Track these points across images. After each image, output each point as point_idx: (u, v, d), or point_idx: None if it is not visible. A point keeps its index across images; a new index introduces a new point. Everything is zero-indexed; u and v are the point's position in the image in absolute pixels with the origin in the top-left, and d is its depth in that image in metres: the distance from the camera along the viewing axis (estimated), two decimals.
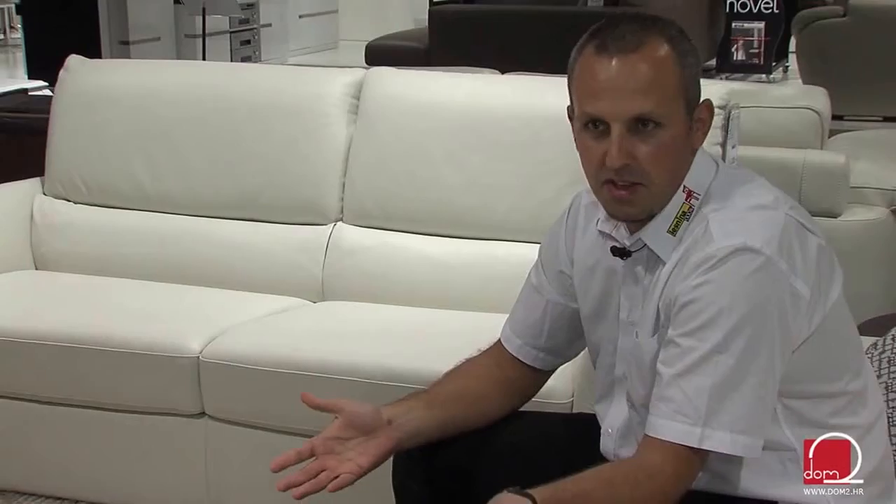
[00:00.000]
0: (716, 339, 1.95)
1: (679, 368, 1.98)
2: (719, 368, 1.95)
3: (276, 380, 3.22)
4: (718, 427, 1.94)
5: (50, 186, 4.16)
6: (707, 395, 1.95)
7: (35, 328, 3.48)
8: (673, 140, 2.02)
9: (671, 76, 2.01)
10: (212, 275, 3.82)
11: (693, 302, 1.98)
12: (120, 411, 3.43)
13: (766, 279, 1.96)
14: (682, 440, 1.96)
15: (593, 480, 1.99)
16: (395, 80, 3.85)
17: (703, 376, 1.95)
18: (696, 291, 1.97)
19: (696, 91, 2.07)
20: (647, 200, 2.05)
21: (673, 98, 2.01)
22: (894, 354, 2.42)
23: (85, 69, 4.23)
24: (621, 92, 1.99)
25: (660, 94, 2.00)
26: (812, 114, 4.15)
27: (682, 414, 1.96)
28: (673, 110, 2.01)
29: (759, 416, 1.98)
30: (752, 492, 2.06)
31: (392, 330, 3.42)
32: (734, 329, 1.95)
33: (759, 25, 6.94)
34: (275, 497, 3.32)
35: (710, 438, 1.95)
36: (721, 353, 1.95)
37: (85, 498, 3.55)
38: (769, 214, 2.02)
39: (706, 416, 1.94)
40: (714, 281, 1.96)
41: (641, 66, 1.99)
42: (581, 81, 2.05)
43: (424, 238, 3.70)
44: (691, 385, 1.96)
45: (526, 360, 2.36)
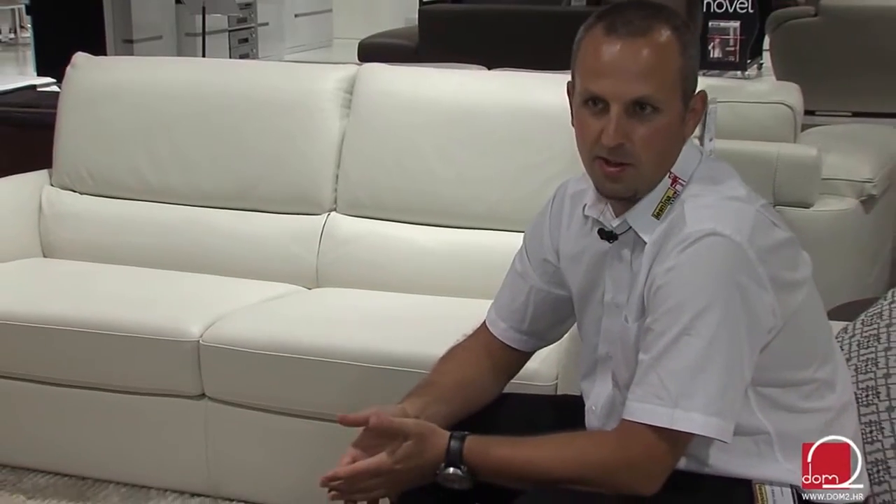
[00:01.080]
0: (684, 322, 1.94)
1: (654, 353, 1.97)
2: (688, 350, 1.94)
3: (274, 363, 3.22)
4: (690, 408, 1.93)
5: (57, 178, 4.15)
6: (678, 377, 1.94)
7: (43, 313, 3.48)
8: (667, 126, 2.01)
9: (673, 64, 2.00)
10: (211, 262, 3.82)
11: (664, 286, 1.97)
12: (124, 393, 3.43)
13: (734, 264, 1.95)
14: (655, 421, 1.94)
15: (543, 438, 2.04)
16: (386, 76, 3.85)
17: (673, 359, 1.94)
18: (668, 275, 1.97)
19: (693, 81, 2.06)
20: (634, 180, 2.04)
21: (672, 85, 2.01)
22: (864, 338, 2.42)
23: (90, 66, 4.23)
24: (624, 74, 1.99)
25: (660, 80, 1.99)
26: (785, 109, 4.16)
27: (657, 397, 1.95)
28: (671, 97, 2.01)
29: (730, 400, 1.96)
30: (729, 472, 2.05)
31: (384, 315, 3.41)
32: (701, 311, 1.93)
33: (734, 24, 6.93)
34: (270, 474, 3.35)
35: (682, 419, 1.93)
36: (689, 335, 1.94)
37: (91, 475, 3.55)
38: (741, 206, 2.01)
39: (677, 398, 1.93)
40: (683, 265, 1.96)
41: (645, 51, 1.99)
42: (585, 59, 2.04)
43: (414, 227, 3.70)
44: (663, 368, 1.95)
45: (510, 342, 2.35)
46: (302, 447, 3.24)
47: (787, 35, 7.25)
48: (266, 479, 3.36)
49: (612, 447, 1.99)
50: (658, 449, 1.96)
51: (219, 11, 9.09)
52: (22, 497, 3.46)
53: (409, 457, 2.03)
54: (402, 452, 2.03)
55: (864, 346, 2.40)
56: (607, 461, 1.97)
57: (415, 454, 2.03)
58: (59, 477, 3.56)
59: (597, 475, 1.97)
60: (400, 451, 2.03)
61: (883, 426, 2.27)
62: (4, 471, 3.59)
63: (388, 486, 2.07)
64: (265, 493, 3.38)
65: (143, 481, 3.49)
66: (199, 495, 3.43)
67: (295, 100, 3.85)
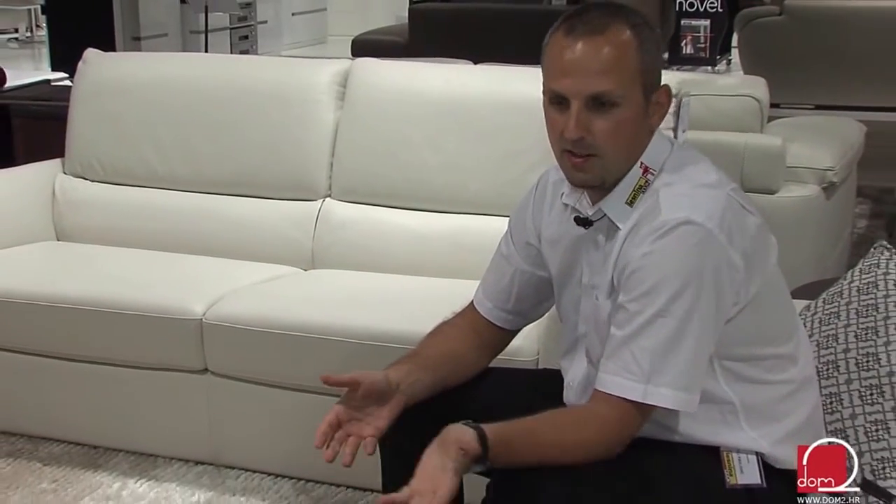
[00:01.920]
0: (659, 304, 1.95)
1: (627, 331, 1.98)
2: (661, 331, 1.95)
3: (272, 339, 3.22)
4: (661, 384, 1.95)
5: (70, 166, 4.15)
6: (650, 355, 1.95)
7: (56, 293, 3.48)
8: (628, 119, 2.01)
9: (630, 60, 1.99)
10: (213, 245, 3.83)
11: (640, 269, 1.97)
12: (132, 367, 3.43)
13: (706, 250, 1.95)
14: (628, 395, 1.96)
15: (542, 421, 2.01)
16: (377, 71, 3.84)
17: (647, 338, 1.96)
18: (644, 260, 1.97)
19: (655, 76, 2.05)
20: (599, 170, 2.04)
21: (631, 81, 2.00)
22: (825, 315, 2.43)
23: (101, 61, 4.23)
24: (582, 72, 1.98)
25: (618, 76, 1.98)
26: (753, 101, 4.16)
27: (629, 372, 1.96)
28: (630, 92, 2.00)
29: (696, 375, 1.98)
30: (697, 439, 2.06)
31: (376, 295, 3.41)
32: (675, 295, 1.94)
33: (705, 23, 6.93)
34: (268, 444, 3.35)
35: (653, 394, 1.96)
36: (663, 317, 1.95)
37: (102, 444, 3.56)
38: (713, 193, 2.01)
39: (649, 374, 1.95)
40: (659, 251, 1.96)
41: (604, 49, 1.98)
42: (549, 60, 2.04)
43: (404, 212, 3.69)
44: (637, 346, 1.96)
45: (496, 321, 2.35)
46: (298, 419, 3.23)
47: (754, 33, 7.26)
48: (264, 448, 3.37)
49: (588, 417, 2.00)
50: (628, 418, 1.98)
51: (221, 10, 9.13)
52: (38, 464, 3.48)
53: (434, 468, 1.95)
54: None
55: (825, 323, 2.41)
56: (590, 439, 1.98)
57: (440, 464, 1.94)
58: (73, 445, 3.57)
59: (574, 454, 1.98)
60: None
61: (842, 397, 2.28)
62: (22, 440, 3.61)
63: None
64: (263, 462, 3.38)
65: (150, 450, 3.50)
66: (201, 463, 3.44)
67: (292, 93, 3.85)
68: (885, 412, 2.22)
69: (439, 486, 1.88)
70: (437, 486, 1.88)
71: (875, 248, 2.49)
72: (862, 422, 2.24)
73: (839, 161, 4.24)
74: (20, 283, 3.55)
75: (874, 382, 2.26)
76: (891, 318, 2.31)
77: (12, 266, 3.73)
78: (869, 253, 2.49)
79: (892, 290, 2.36)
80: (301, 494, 3.27)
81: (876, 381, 2.25)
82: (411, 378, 2.19)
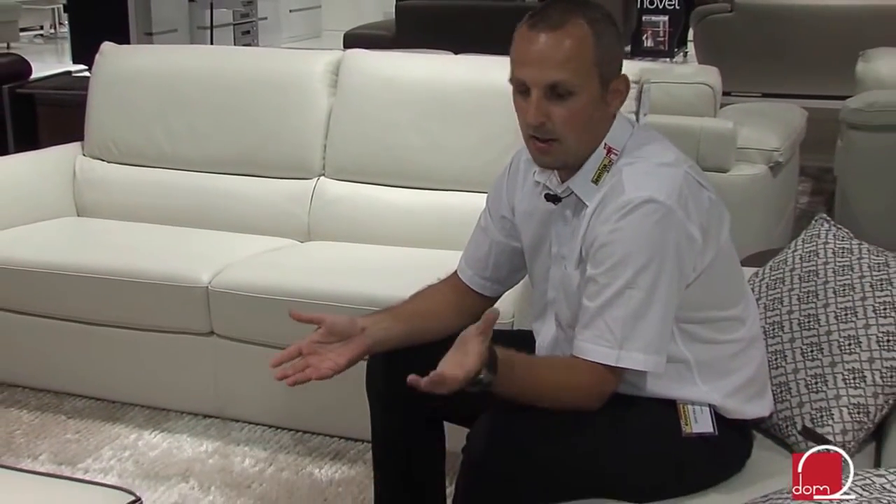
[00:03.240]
0: (627, 277, 1.94)
1: (599, 302, 1.97)
2: (631, 301, 1.94)
3: (272, 304, 3.21)
4: (633, 349, 1.95)
5: (88, 149, 4.13)
6: (622, 324, 1.95)
7: (77, 263, 3.48)
8: (584, 107, 1.99)
9: (587, 52, 1.97)
10: (217, 220, 3.82)
11: (608, 244, 1.97)
12: (145, 330, 3.43)
13: (668, 225, 1.94)
14: (604, 360, 1.96)
15: (539, 358, 2.09)
16: (367, 60, 3.83)
17: (618, 308, 1.95)
18: (611, 236, 1.96)
19: (612, 66, 2.03)
20: (561, 154, 2.03)
21: (587, 71, 1.98)
22: (771, 281, 2.43)
23: (116, 53, 4.21)
24: (542, 63, 1.97)
25: (575, 67, 1.96)
26: (707, 88, 4.16)
27: (604, 339, 1.96)
28: (586, 82, 1.98)
29: (663, 339, 1.99)
30: (657, 393, 2.07)
31: (366, 264, 3.41)
32: (641, 268, 1.94)
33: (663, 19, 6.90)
34: (269, 399, 3.35)
35: (626, 359, 1.96)
36: (631, 288, 1.94)
37: (119, 399, 3.56)
38: (671, 171, 2.00)
39: (622, 341, 1.95)
40: (625, 227, 1.95)
41: (565, 42, 1.96)
42: (514, 52, 2.02)
43: (392, 189, 3.68)
44: (609, 315, 1.96)
45: (475, 287, 2.34)
46: None
47: (708, 28, 7.27)
48: (265, 403, 3.36)
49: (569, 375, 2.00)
50: (604, 380, 1.98)
51: (225, 6, 9.19)
52: (63, 417, 3.48)
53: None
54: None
55: (771, 288, 2.41)
56: (565, 385, 1.98)
57: None
58: (94, 400, 3.57)
59: (559, 396, 1.98)
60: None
61: (786, 354, 2.29)
62: (49, 395, 3.62)
63: None
64: (264, 415, 3.39)
65: (162, 404, 3.50)
66: (209, 416, 3.44)
67: (289, 81, 3.84)
68: (824, 367, 2.22)
69: (468, 356, 1.83)
70: (466, 357, 1.83)
71: (816, 221, 2.50)
72: (803, 376, 2.24)
73: (784, 143, 4.25)
74: (45, 254, 3.55)
75: (814, 341, 2.26)
76: (829, 283, 2.31)
77: (38, 239, 3.72)
78: (811, 225, 2.49)
79: (831, 258, 2.36)
80: (298, 444, 3.27)
81: (816, 339, 2.26)
82: (381, 325, 2.19)
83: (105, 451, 3.26)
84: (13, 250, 3.59)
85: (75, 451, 3.26)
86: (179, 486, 3.05)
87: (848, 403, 2.18)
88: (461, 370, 1.82)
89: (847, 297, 2.27)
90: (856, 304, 2.25)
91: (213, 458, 3.21)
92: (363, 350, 2.14)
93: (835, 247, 2.38)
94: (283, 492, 3.01)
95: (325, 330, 2.11)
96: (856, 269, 2.31)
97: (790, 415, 2.23)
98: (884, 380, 2.18)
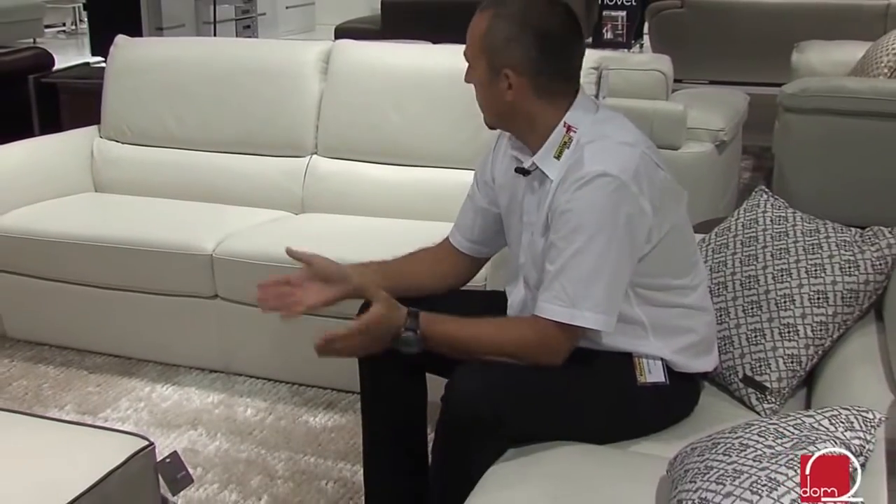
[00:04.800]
0: (580, 242, 1.93)
1: (557, 266, 1.95)
2: (583, 265, 1.93)
3: (270, 270, 3.08)
4: (584, 308, 1.93)
5: (104, 131, 4.09)
6: (574, 285, 1.93)
7: (95, 234, 3.45)
8: (477, 82, 2.07)
9: (479, 36, 2.03)
10: (221, 194, 3.79)
11: (566, 212, 1.95)
12: (156, 294, 3.41)
13: (619, 198, 1.92)
14: (558, 318, 1.94)
15: (483, 319, 2.03)
16: (354, 50, 3.79)
17: (572, 270, 1.93)
18: (568, 205, 1.95)
19: (502, 59, 2.01)
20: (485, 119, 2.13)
21: (477, 53, 2.04)
22: (717, 245, 2.42)
23: (129, 45, 4.17)
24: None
25: (471, 45, 2.05)
26: (660, 75, 4.14)
27: (559, 300, 1.94)
28: (476, 61, 2.04)
29: (614, 301, 1.97)
30: (616, 348, 2.06)
31: (355, 234, 3.38)
32: (593, 234, 1.92)
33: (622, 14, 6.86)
34: (268, 355, 3.34)
35: (579, 317, 1.94)
36: (583, 254, 1.93)
37: (134, 356, 3.54)
38: (630, 150, 1.98)
39: (574, 300, 1.93)
40: (581, 198, 1.93)
41: (474, 21, 2.04)
42: None
43: (377, 166, 3.65)
44: (565, 277, 1.94)
45: (463, 249, 2.34)
46: (291, 335, 3.19)
47: (662, 21, 7.27)
48: (265, 359, 3.36)
49: (530, 334, 1.98)
50: (561, 337, 1.97)
51: (227, 2, 9.15)
52: (85, 372, 3.47)
53: (379, 321, 1.99)
54: (373, 316, 1.99)
55: (716, 252, 2.40)
56: (527, 342, 1.97)
57: (383, 319, 1.99)
58: (112, 357, 3.56)
59: (517, 351, 1.98)
60: (372, 314, 1.99)
61: (729, 311, 2.28)
62: (72, 352, 3.60)
63: (360, 345, 2.03)
64: (264, 369, 3.37)
65: (172, 360, 3.48)
66: (215, 371, 3.43)
67: (284, 68, 3.80)
68: (762, 322, 2.22)
69: None
70: None
71: (756, 192, 2.49)
72: (745, 330, 2.24)
73: (728, 124, 4.24)
74: (66, 226, 3.52)
75: (754, 299, 2.25)
76: (767, 248, 2.30)
77: (59, 213, 3.69)
78: (751, 196, 2.48)
79: (769, 225, 2.35)
80: (295, 395, 3.26)
81: (755, 297, 2.25)
82: (366, 276, 2.18)
83: (122, 402, 3.24)
84: (38, 223, 3.56)
85: (96, 402, 3.25)
86: (189, 433, 3.04)
87: (783, 354, 2.18)
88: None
89: (783, 259, 2.26)
90: (790, 266, 2.24)
91: (218, 409, 3.19)
92: (342, 295, 2.16)
93: (772, 215, 2.37)
94: (281, 438, 3.00)
95: (312, 271, 2.15)
96: (790, 234, 2.30)
97: (733, 365, 2.23)
98: (814, 333, 2.18)
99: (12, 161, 3.83)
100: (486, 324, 2.03)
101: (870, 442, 1.58)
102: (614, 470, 1.90)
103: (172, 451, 2.07)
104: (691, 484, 1.55)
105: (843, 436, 1.56)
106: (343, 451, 2.91)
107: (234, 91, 3.83)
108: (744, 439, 1.59)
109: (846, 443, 1.54)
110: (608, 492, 1.81)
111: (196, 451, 2.93)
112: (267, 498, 2.69)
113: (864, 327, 2.21)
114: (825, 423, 1.59)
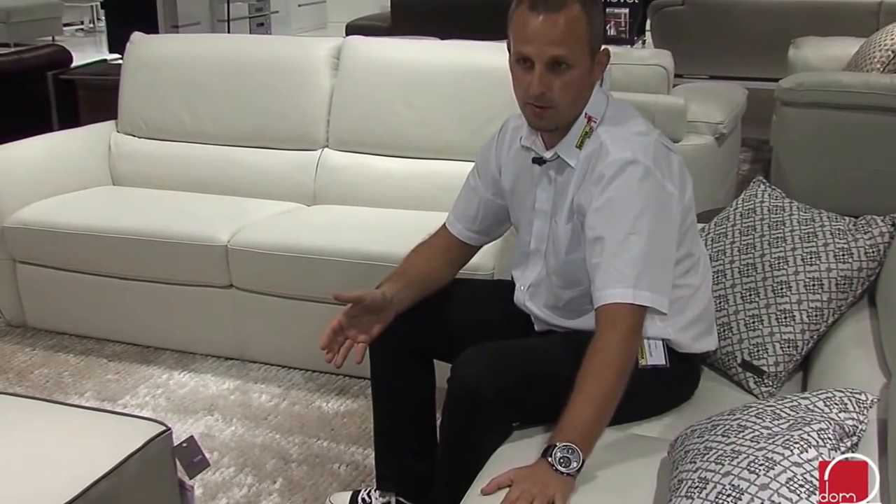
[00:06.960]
0: (627, 225, 1.91)
1: (608, 253, 1.93)
2: (636, 245, 1.91)
3: (284, 260, 3.21)
4: (642, 288, 1.90)
5: (122, 126, 4.09)
6: (631, 265, 1.90)
7: (113, 226, 3.46)
8: (578, 78, 1.98)
9: (581, 31, 1.96)
10: (234, 187, 3.79)
11: (605, 206, 1.95)
12: (173, 284, 3.42)
13: (649, 182, 1.94)
14: (622, 299, 1.90)
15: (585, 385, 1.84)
16: (364, 46, 3.79)
17: (626, 252, 1.91)
18: (605, 197, 1.95)
19: (599, 41, 2.02)
20: (554, 119, 2.02)
21: (581, 47, 1.96)
22: (716, 235, 2.42)
23: (144, 42, 4.16)
24: (544, 40, 1.94)
25: (572, 44, 1.95)
26: (662, 69, 4.14)
27: (619, 282, 1.90)
28: (580, 56, 1.97)
29: (666, 281, 1.95)
30: None
31: (365, 224, 3.38)
32: (637, 215, 1.92)
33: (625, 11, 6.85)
34: (282, 342, 3.35)
35: (640, 297, 1.90)
36: (633, 234, 1.91)
37: (152, 344, 3.55)
38: (645, 139, 2.00)
39: (634, 280, 1.90)
40: (616, 188, 1.94)
41: (560, 22, 1.94)
42: (515, 29, 1.99)
43: (387, 158, 3.65)
44: (620, 261, 1.91)
45: (464, 238, 2.34)
46: (304, 322, 3.23)
47: (663, 18, 7.27)
48: (278, 346, 3.36)
49: (607, 339, 1.88)
50: (629, 318, 1.90)
51: (241, 0, 9.14)
52: (104, 360, 3.48)
53: None
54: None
55: (716, 241, 2.41)
56: (613, 348, 1.88)
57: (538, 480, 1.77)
58: (130, 345, 3.56)
59: (619, 361, 1.87)
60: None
61: (728, 298, 2.28)
62: (91, 341, 3.61)
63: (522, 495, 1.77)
64: (278, 356, 3.38)
65: (189, 348, 3.49)
66: (230, 358, 3.44)
67: (296, 64, 3.80)
68: (760, 309, 2.23)
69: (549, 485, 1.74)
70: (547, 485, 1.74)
71: (754, 183, 2.49)
72: (743, 316, 2.24)
73: (728, 117, 4.24)
74: (85, 218, 3.52)
75: (752, 286, 2.26)
76: (765, 236, 2.31)
77: (78, 205, 3.69)
78: (749, 186, 2.49)
79: (766, 215, 2.36)
80: (308, 382, 3.27)
81: (753, 285, 2.26)
82: (402, 294, 2.19)
83: (141, 389, 3.25)
84: (58, 215, 3.56)
85: (115, 389, 3.26)
86: (205, 418, 3.05)
87: (780, 339, 2.19)
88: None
89: (780, 247, 2.26)
90: (787, 254, 2.25)
91: (234, 395, 3.20)
92: (392, 319, 2.18)
93: (770, 205, 2.38)
94: (295, 423, 3.01)
95: (365, 307, 2.13)
96: (787, 224, 2.30)
97: (731, 350, 2.24)
98: (810, 318, 2.19)
99: (32, 155, 3.84)
100: (588, 381, 1.85)
101: (863, 422, 1.59)
102: (616, 451, 1.91)
103: (189, 436, 2.07)
104: (691, 464, 1.57)
105: (837, 417, 1.57)
106: (355, 435, 2.92)
107: (248, 86, 3.83)
108: (742, 421, 1.60)
109: (840, 423, 1.55)
110: (611, 473, 1.82)
111: (212, 436, 2.94)
112: (281, 481, 2.70)
113: (857, 313, 2.22)
114: (820, 405, 1.61)
